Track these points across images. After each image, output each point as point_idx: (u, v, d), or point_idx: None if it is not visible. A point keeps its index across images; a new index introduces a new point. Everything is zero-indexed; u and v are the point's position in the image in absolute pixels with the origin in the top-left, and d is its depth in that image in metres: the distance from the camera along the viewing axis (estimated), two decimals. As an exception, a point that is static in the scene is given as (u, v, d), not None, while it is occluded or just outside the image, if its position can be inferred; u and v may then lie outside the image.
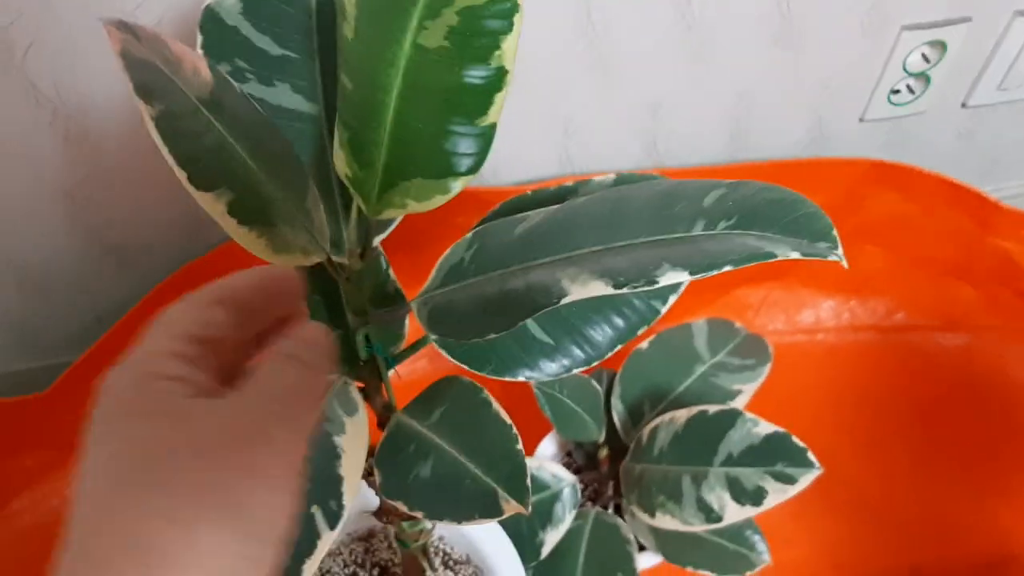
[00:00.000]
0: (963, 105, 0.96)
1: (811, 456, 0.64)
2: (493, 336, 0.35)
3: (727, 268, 0.32)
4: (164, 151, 0.34)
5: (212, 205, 0.36)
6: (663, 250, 0.34)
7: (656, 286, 0.32)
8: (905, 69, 0.89)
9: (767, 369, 0.79)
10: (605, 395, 0.78)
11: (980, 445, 0.95)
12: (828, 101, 0.92)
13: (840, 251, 0.34)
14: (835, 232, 0.34)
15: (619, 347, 0.46)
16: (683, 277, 0.32)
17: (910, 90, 0.92)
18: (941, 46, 0.87)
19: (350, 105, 0.39)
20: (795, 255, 0.32)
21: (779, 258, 0.32)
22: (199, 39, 0.43)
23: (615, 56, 0.80)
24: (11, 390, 0.91)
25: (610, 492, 0.80)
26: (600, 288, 0.33)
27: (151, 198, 0.80)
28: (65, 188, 0.76)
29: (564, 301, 0.33)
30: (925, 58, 0.89)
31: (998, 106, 0.97)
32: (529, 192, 0.47)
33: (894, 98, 0.92)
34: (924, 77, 0.90)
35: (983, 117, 0.98)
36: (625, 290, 0.32)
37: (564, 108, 0.84)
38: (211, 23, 0.43)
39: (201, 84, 0.36)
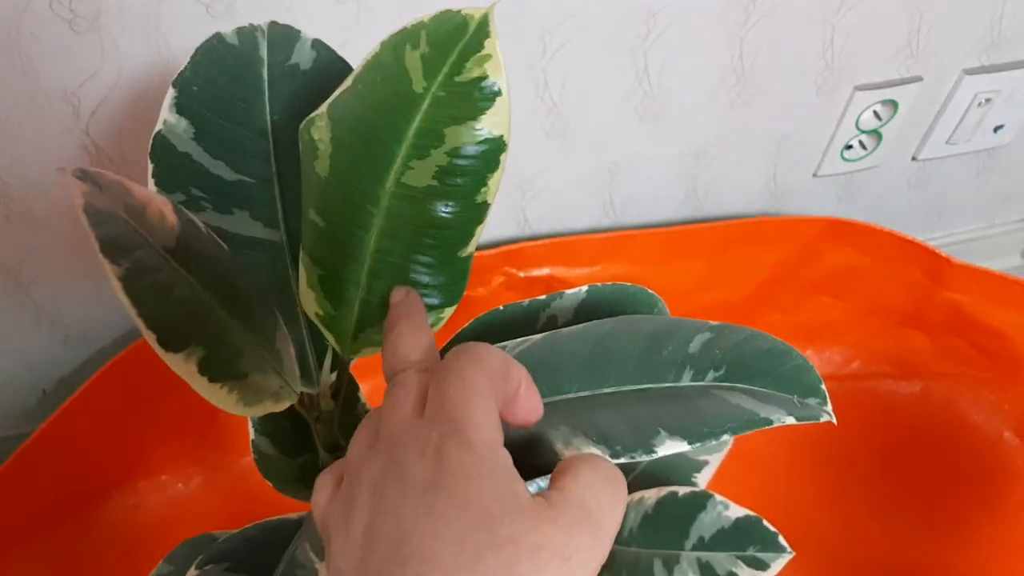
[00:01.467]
0: (913, 158, 0.97)
1: (782, 540, 0.63)
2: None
3: (724, 437, 0.31)
4: (132, 313, 0.32)
5: (182, 366, 0.34)
6: (656, 408, 0.33)
7: (654, 455, 0.31)
8: (858, 127, 0.90)
9: (731, 439, 0.78)
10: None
11: (935, 490, 0.96)
12: (783, 158, 0.92)
13: (829, 407, 0.33)
14: (823, 386, 0.34)
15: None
16: (681, 447, 0.31)
17: (862, 146, 0.93)
18: (893, 105, 0.88)
19: (323, 244, 0.37)
20: (790, 420, 0.32)
21: (775, 424, 0.32)
22: (150, 167, 0.41)
23: (573, 120, 0.79)
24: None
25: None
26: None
27: (97, 273, 0.77)
28: (7, 264, 0.73)
29: (556, 468, 0.32)
30: (877, 116, 0.90)
31: (947, 159, 0.99)
32: (501, 308, 0.46)
33: (847, 154, 0.93)
34: (876, 134, 0.92)
35: (933, 169, 1.00)
36: (622, 459, 0.31)
37: (521, 171, 0.83)
38: (162, 150, 0.41)
39: (167, 231, 0.34)
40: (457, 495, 0.28)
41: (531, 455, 0.33)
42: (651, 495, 0.70)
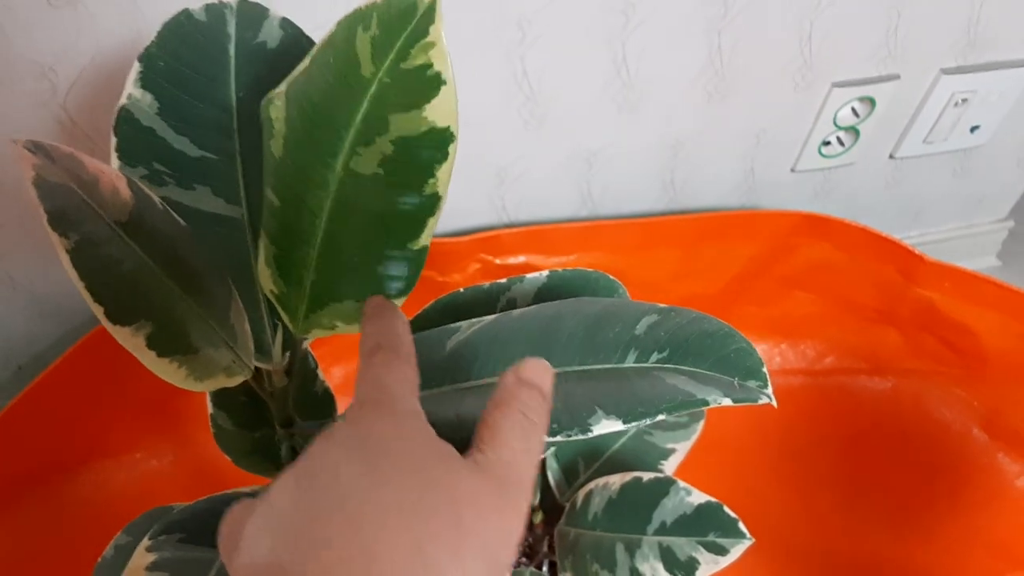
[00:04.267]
0: (891, 157, 0.98)
1: (742, 527, 0.64)
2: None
3: (660, 417, 0.31)
4: (80, 286, 0.33)
5: (130, 340, 0.34)
6: (595, 387, 0.34)
7: (590, 435, 0.31)
8: (835, 123, 0.91)
9: (700, 427, 0.79)
10: (540, 454, 0.78)
11: (903, 484, 0.97)
12: (760, 153, 0.93)
13: (770, 390, 0.34)
14: (765, 369, 0.34)
15: (552, 449, 0.45)
16: (616, 426, 0.31)
17: (840, 142, 0.94)
18: (870, 102, 0.89)
19: (277, 223, 0.37)
20: (727, 401, 0.32)
21: (711, 405, 0.32)
22: (113, 141, 0.41)
23: (551, 110, 0.80)
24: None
25: (545, 549, 0.80)
26: (532, 432, 0.32)
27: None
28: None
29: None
30: (855, 112, 0.91)
31: (923, 158, 0.99)
32: (462, 290, 0.46)
33: (824, 150, 0.94)
34: (854, 131, 0.92)
35: (909, 168, 1.01)
36: (559, 438, 0.31)
37: (500, 159, 0.84)
38: (126, 124, 0.41)
39: (120, 205, 0.35)
40: (389, 461, 0.29)
41: (467, 428, 0.34)
42: (616, 480, 0.71)
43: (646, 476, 0.69)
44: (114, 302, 0.33)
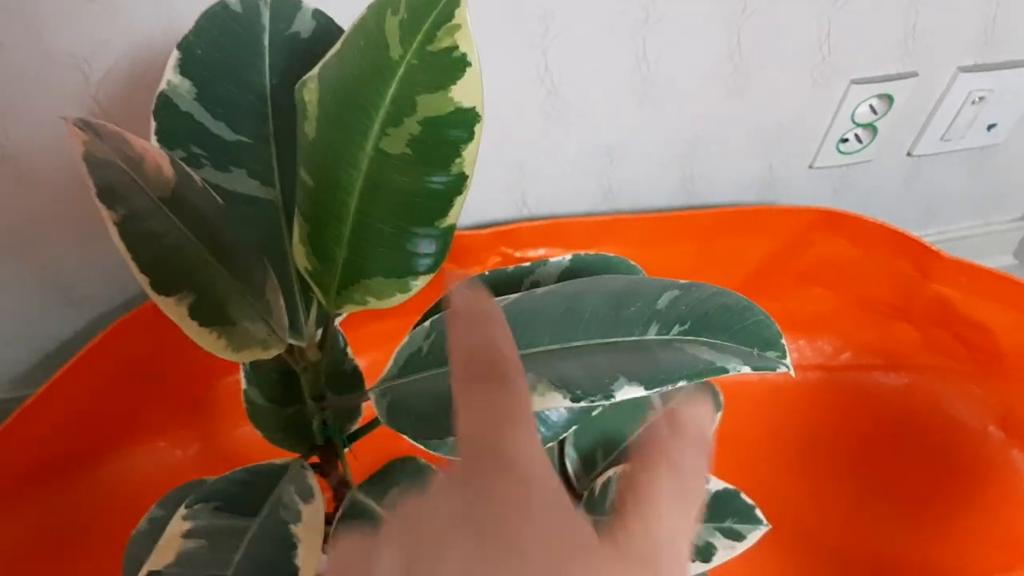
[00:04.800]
0: (908, 154, 0.99)
1: (759, 513, 0.65)
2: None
3: (681, 383, 0.33)
4: (127, 257, 0.34)
5: (173, 309, 0.36)
6: (618, 358, 0.35)
7: (613, 400, 0.32)
8: (853, 120, 0.91)
9: (717, 417, 0.80)
10: (559, 443, 0.79)
11: (917, 480, 0.98)
12: (778, 149, 0.94)
13: (788, 360, 0.35)
14: (783, 340, 0.35)
15: (574, 427, 0.47)
16: (638, 392, 0.33)
17: (858, 139, 0.95)
18: (888, 99, 0.90)
19: (311, 201, 0.39)
20: (746, 369, 0.33)
21: (731, 373, 0.33)
22: (153, 125, 0.43)
23: (572, 104, 0.81)
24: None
25: (562, 537, 0.81)
26: (558, 400, 0.33)
27: (99, 238, 0.79)
28: (14, 226, 0.75)
29: (522, 412, 0.34)
30: (873, 110, 0.91)
31: (941, 156, 1.00)
32: (487, 273, 0.48)
33: (842, 147, 0.95)
34: (871, 128, 0.93)
35: (927, 166, 1.01)
36: (582, 403, 0.33)
37: (521, 153, 0.85)
38: (165, 109, 0.43)
39: (163, 182, 0.36)
40: (511, 544, 0.23)
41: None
42: (633, 468, 0.72)
43: (664, 463, 0.70)
44: (158, 273, 0.35)
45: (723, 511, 0.66)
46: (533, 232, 0.90)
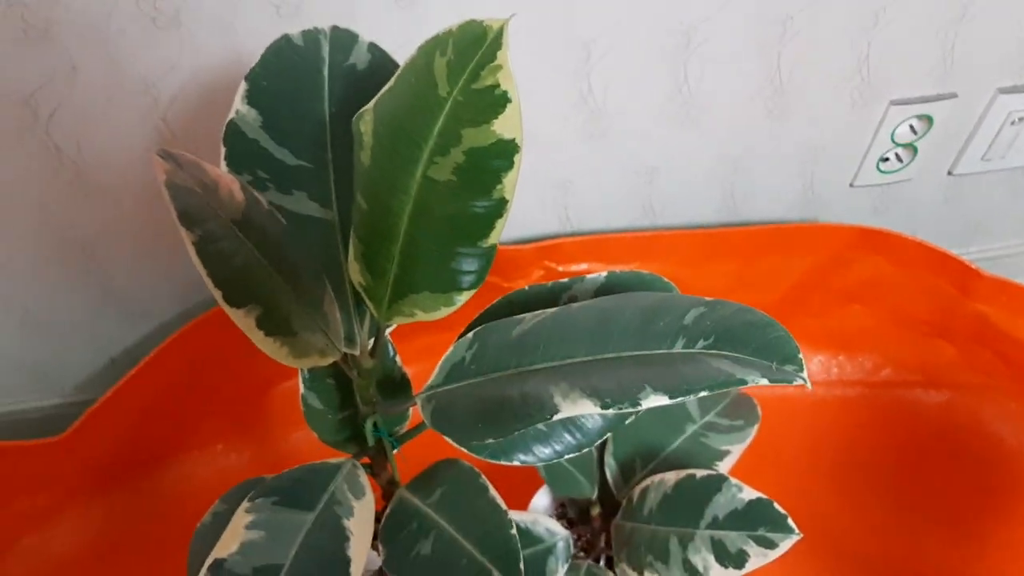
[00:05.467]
0: (949, 173, 1.00)
1: (791, 522, 0.67)
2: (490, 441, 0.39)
3: (703, 393, 0.35)
4: (203, 273, 0.38)
5: (243, 320, 0.40)
6: (645, 370, 0.38)
7: (639, 408, 0.35)
8: (893, 140, 0.93)
9: (754, 430, 0.82)
10: (599, 452, 0.82)
11: (957, 497, 0.98)
12: (818, 167, 0.95)
13: (804, 373, 0.37)
14: (801, 356, 0.38)
15: (608, 435, 0.50)
16: (663, 401, 0.35)
17: (898, 159, 0.96)
18: (928, 120, 0.91)
19: (365, 223, 0.42)
20: (764, 381, 0.36)
21: (749, 384, 0.36)
22: (223, 151, 0.47)
23: (615, 124, 0.84)
24: (28, 427, 0.95)
25: (602, 544, 0.83)
26: (589, 407, 0.36)
27: (163, 250, 0.84)
28: (84, 240, 0.80)
29: (556, 418, 0.37)
30: (913, 130, 0.93)
31: (982, 175, 1.01)
32: (527, 287, 0.51)
33: (883, 166, 0.96)
34: (911, 148, 0.94)
35: (968, 185, 1.02)
36: (611, 411, 0.35)
37: (564, 171, 0.88)
38: (234, 136, 0.47)
39: (235, 206, 0.40)
40: None
41: (531, 404, 0.38)
42: (671, 477, 0.75)
43: (700, 473, 0.73)
44: (230, 288, 0.39)
45: (756, 519, 0.68)
46: (576, 247, 0.93)
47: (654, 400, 0.35)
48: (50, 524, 0.95)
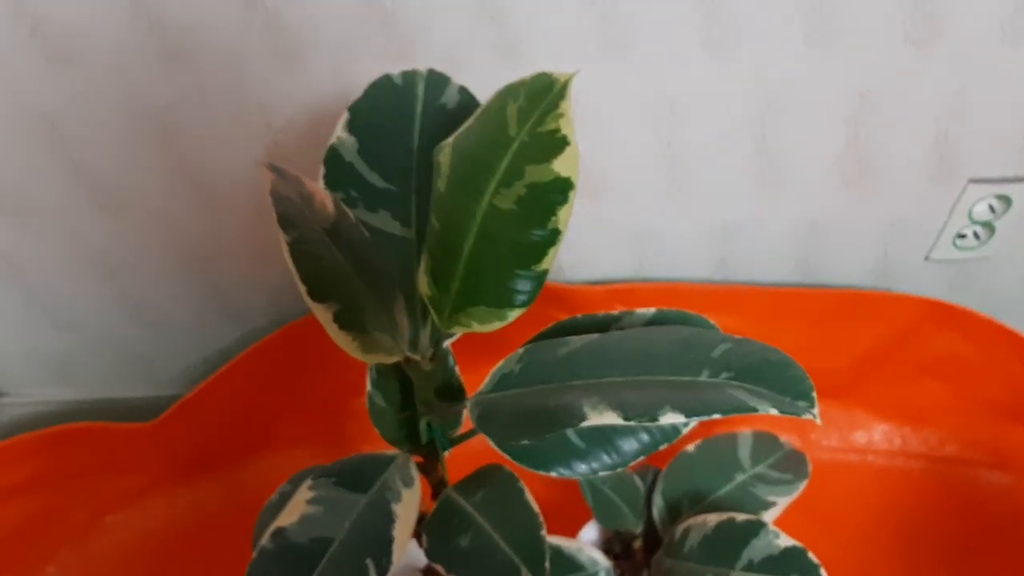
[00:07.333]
0: (1029, 254, 1.00)
1: (823, 572, 0.69)
2: (527, 443, 0.44)
3: (715, 416, 0.39)
4: (293, 270, 0.45)
5: (323, 314, 0.46)
6: (669, 392, 0.42)
7: (657, 423, 0.39)
8: (971, 217, 0.94)
9: (803, 485, 0.84)
10: (648, 490, 0.85)
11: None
12: (895, 239, 0.97)
13: (816, 410, 0.41)
14: (814, 394, 0.42)
15: (642, 458, 0.53)
16: (679, 418, 0.40)
17: (976, 236, 0.97)
18: (1007, 200, 0.92)
19: (436, 242, 0.48)
20: (774, 411, 0.40)
21: (760, 412, 0.40)
22: (322, 171, 0.54)
23: (693, 178, 0.88)
24: (129, 414, 1.03)
25: (643, 579, 0.86)
26: (613, 418, 0.41)
27: (264, 261, 0.92)
28: (192, 244, 0.89)
29: (582, 425, 0.41)
30: (991, 209, 0.94)
31: (1063, 258, 1.01)
32: (579, 316, 0.56)
33: (959, 242, 0.97)
34: (989, 226, 0.95)
35: (1048, 268, 1.02)
36: (632, 423, 0.40)
37: (642, 221, 0.92)
38: (333, 159, 0.54)
39: (326, 216, 0.46)
40: None
41: (563, 414, 0.43)
42: (713, 519, 0.77)
43: (740, 517, 0.75)
44: (314, 284, 0.45)
45: (788, 566, 0.70)
46: (648, 293, 0.96)
47: (671, 417, 0.40)
48: (134, 504, 1.02)
